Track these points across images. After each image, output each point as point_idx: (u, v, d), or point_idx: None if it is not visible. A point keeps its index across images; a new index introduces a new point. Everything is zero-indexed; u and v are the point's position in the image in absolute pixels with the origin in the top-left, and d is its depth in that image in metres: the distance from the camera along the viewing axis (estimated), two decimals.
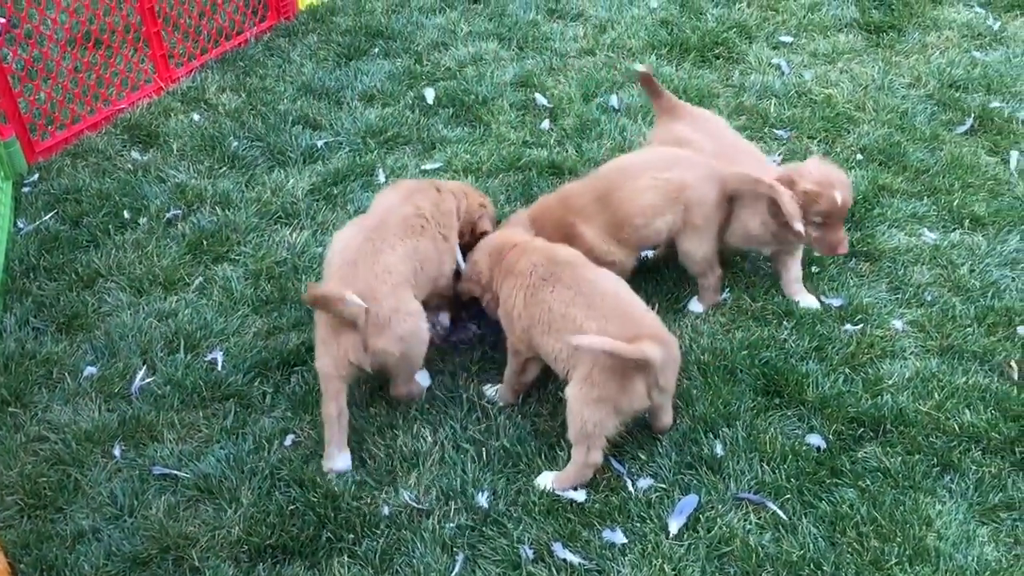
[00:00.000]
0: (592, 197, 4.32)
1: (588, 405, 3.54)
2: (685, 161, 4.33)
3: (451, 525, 3.59)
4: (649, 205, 4.25)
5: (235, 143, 5.66)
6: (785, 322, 4.43)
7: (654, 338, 3.52)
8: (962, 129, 5.73)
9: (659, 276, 4.68)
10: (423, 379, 4.15)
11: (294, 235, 5.02)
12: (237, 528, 3.59)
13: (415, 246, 3.95)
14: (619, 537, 3.54)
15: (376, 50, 6.66)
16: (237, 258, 4.87)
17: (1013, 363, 4.19)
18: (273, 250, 4.92)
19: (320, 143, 5.68)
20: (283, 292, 4.64)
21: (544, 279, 3.78)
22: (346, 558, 3.50)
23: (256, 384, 4.19)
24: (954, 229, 5.00)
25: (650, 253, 4.73)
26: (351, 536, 3.56)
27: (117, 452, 3.91)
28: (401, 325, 3.76)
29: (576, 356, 3.58)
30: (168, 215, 5.12)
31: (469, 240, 4.32)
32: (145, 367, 4.26)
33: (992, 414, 3.95)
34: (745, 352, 4.25)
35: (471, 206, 4.34)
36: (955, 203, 5.12)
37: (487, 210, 4.44)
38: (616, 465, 3.79)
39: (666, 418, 3.86)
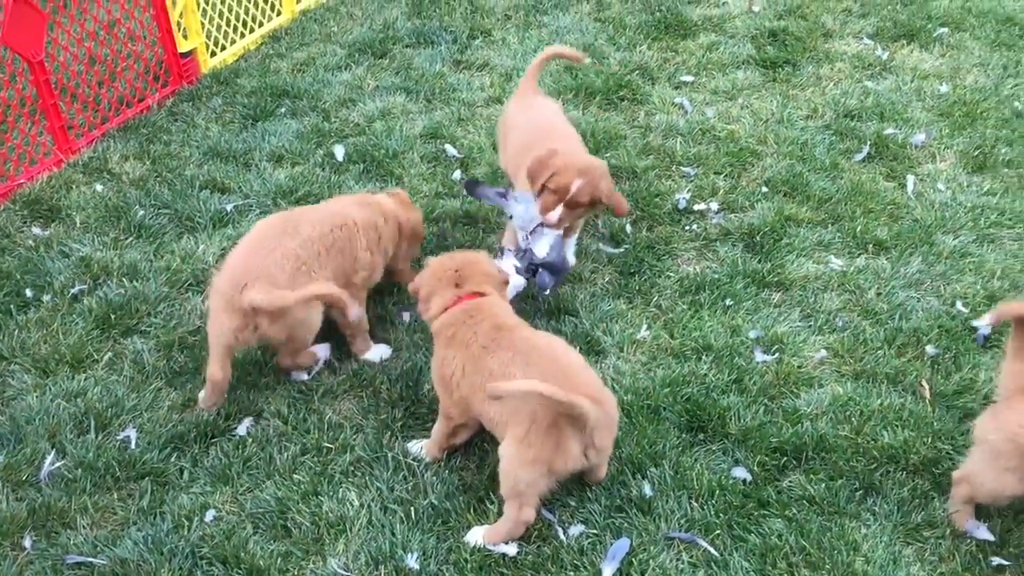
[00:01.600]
0: None
1: (522, 465, 3.48)
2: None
3: None
4: None
5: (141, 212, 5.53)
6: (704, 356, 4.48)
7: (591, 396, 3.45)
8: (860, 157, 5.92)
9: (577, 319, 4.70)
10: (322, 351, 4.48)
11: (206, 303, 4.89)
12: None
13: (326, 234, 4.30)
14: None
15: (283, 110, 6.61)
16: (148, 330, 4.74)
17: (925, 382, 4.30)
18: (185, 319, 4.80)
19: (229, 207, 5.59)
20: (197, 362, 4.52)
21: (485, 347, 3.71)
22: None
23: (172, 460, 4.06)
24: (859, 254, 5.14)
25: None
26: None
27: (28, 543, 3.73)
28: (292, 313, 4.10)
29: (513, 415, 3.52)
30: (73, 290, 4.97)
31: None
32: (54, 451, 4.09)
33: (909, 434, 4.04)
34: (667, 390, 4.28)
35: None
36: (858, 229, 5.27)
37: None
38: (547, 514, 3.76)
39: (600, 473, 3.83)
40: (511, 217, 4.72)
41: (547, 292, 4.60)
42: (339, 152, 6.10)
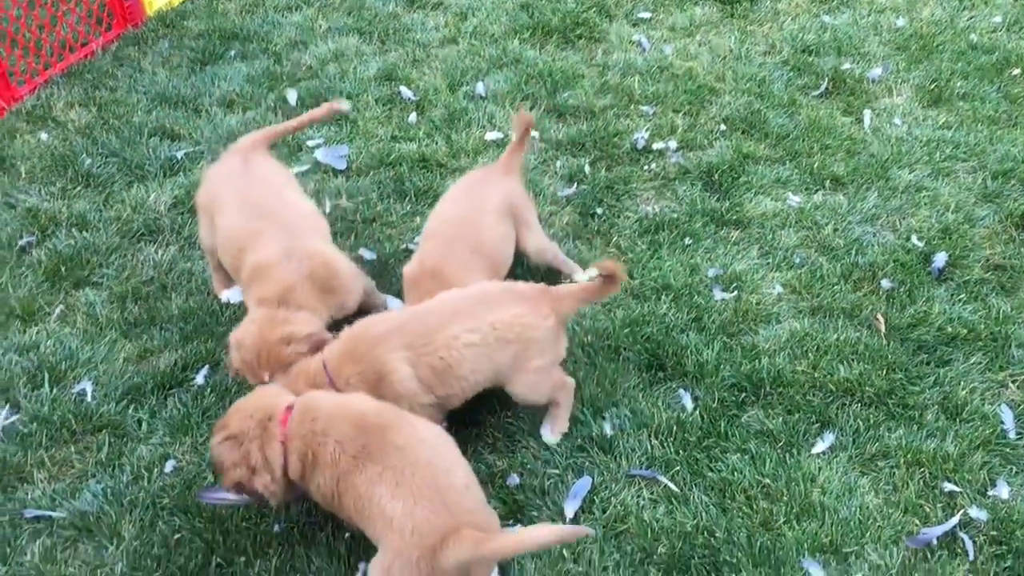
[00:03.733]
0: None
1: None
2: None
3: (347, 535, 3.51)
4: None
5: (88, 161, 5.40)
6: (663, 296, 4.49)
7: (475, 525, 2.94)
8: (817, 92, 5.91)
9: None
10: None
11: (159, 252, 4.82)
12: (120, 564, 3.44)
13: None
14: (516, 531, 3.52)
15: (232, 53, 6.45)
16: (100, 281, 4.65)
17: (880, 316, 4.35)
18: (138, 270, 4.72)
19: (180, 154, 5.47)
20: (152, 312, 4.46)
21: (355, 457, 3.08)
22: None
23: (130, 411, 4.01)
24: (816, 191, 5.16)
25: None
26: (242, 559, 3.45)
27: None
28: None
29: (381, 539, 3.02)
30: (21, 242, 4.85)
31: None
32: (8, 406, 4.03)
33: (864, 367, 4.10)
34: (627, 330, 4.29)
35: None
36: (815, 165, 5.28)
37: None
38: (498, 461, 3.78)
39: None
40: None
41: None
42: (292, 96, 5.98)
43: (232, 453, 3.22)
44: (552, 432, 3.84)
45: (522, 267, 4.45)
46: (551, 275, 4.48)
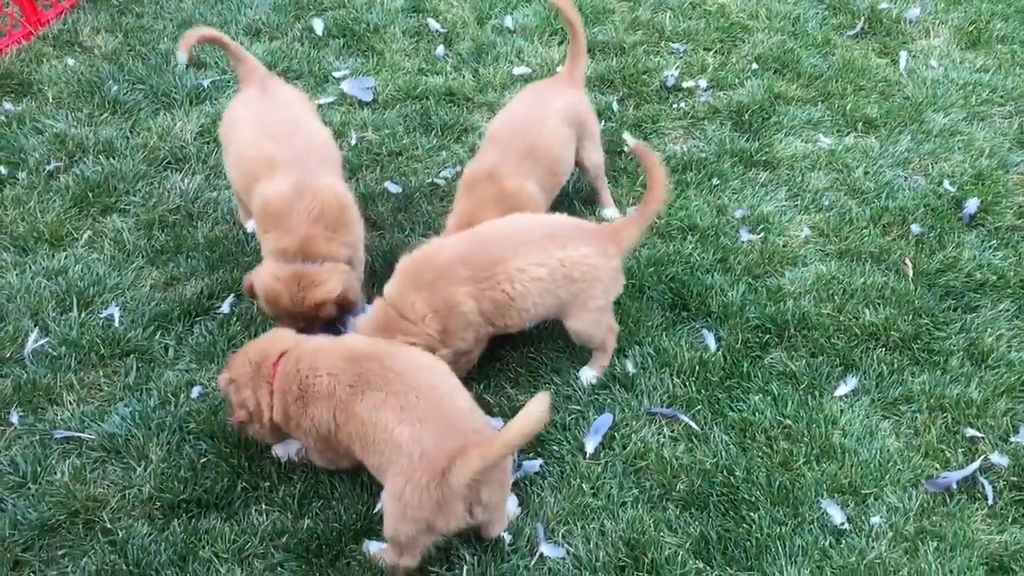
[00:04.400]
0: None
1: (401, 521, 3.00)
2: None
3: None
4: None
5: (115, 87, 5.38)
6: (689, 236, 4.46)
7: (480, 447, 2.88)
8: (852, 32, 5.79)
9: (564, 200, 4.66)
10: None
11: (186, 181, 4.83)
12: (148, 486, 3.50)
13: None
14: (535, 465, 3.56)
15: None
16: (127, 208, 4.67)
17: (908, 261, 4.31)
18: (164, 198, 4.73)
19: (206, 83, 5.44)
20: (178, 240, 4.48)
21: (352, 386, 3.12)
22: (264, 506, 3.45)
23: (157, 337, 4.06)
24: (848, 133, 5.08)
25: None
26: (267, 484, 3.51)
27: (15, 419, 3.75)
28: None
29: (391, 465, 3.01)
30: (49, 167, 4.87)
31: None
32: (37, 329, 4.08)
33: (890, 312, 4.07)
34: (652, 269, 4.28)
35: None
36: (848, 107, 5.19)
37: None
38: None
39: (493, 530, 3.29)
40: None
41: None
42: (318, 26, 5.91)
43: (236, 395, 3.35)
44: (594, 374, 3.86)
45: None
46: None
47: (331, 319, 3.79)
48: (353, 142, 5.02)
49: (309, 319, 3.72)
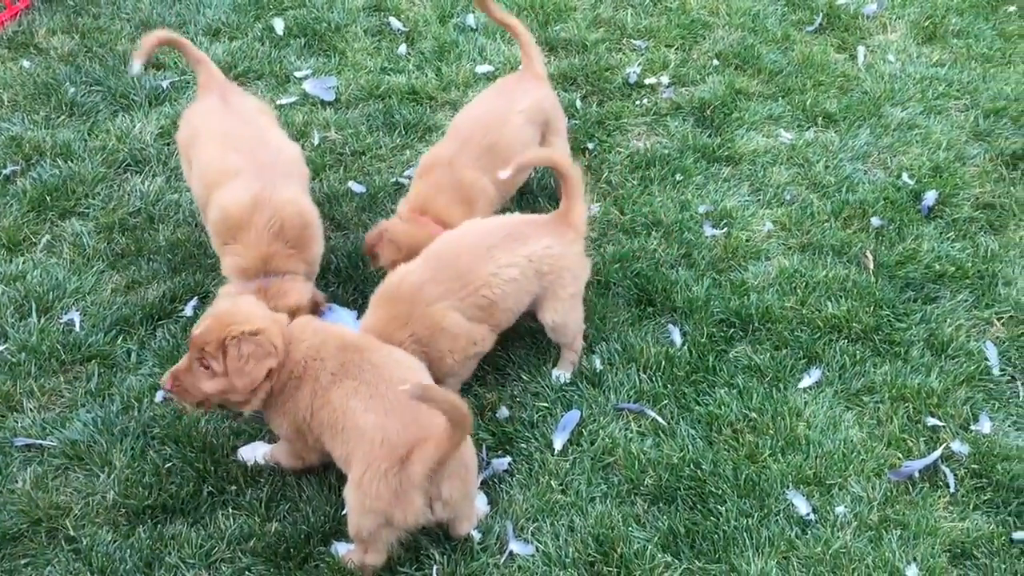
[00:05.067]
0: None
1: (361, 513, 3.01)
2: None
3: None
4: None
5: (72, 89, 5.30)
6: (654, 232, 4.49)
7: (437, 438, 2.91)
8: (811, 28, 5.85)
9: (527, 196, 4.66)
10: None
11: (146, 183, 4.77)
12: (112, 492, 3.46)
13: None
14: (503, 463, 3.56)
15: None
16: (86, 211, 4.61)
17: (869, 253, 4.37)
18: (125, 200, 4.67)
19: (166, 83, 5.38)
20: (139, 244, 4.43)
21: (334, 374, 3.15)
22: (230, 509, 3.42)
23: (119, 342, 4.01)
24: (808, 127, 5.13)
25: None
26: (233, 487, 3.48)
27: None
28: None
29: (354, 454, 3.04)
30: (5, 171, 4.79)
31: None
32: None
33: (852, 304, 4.12)
34: (617, 265, 4.30)
35: None
36: (808, 102, 5.25)
37: None
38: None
39: (461, 528, 3.28)
40: None
41: None
42: (279, 26, 5.87)
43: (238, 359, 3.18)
44: (565, 373, 3.87)
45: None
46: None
47: None
48: (316, 142, 4.99)
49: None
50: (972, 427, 3.68)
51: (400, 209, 3.99)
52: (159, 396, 3.78)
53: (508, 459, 3.57)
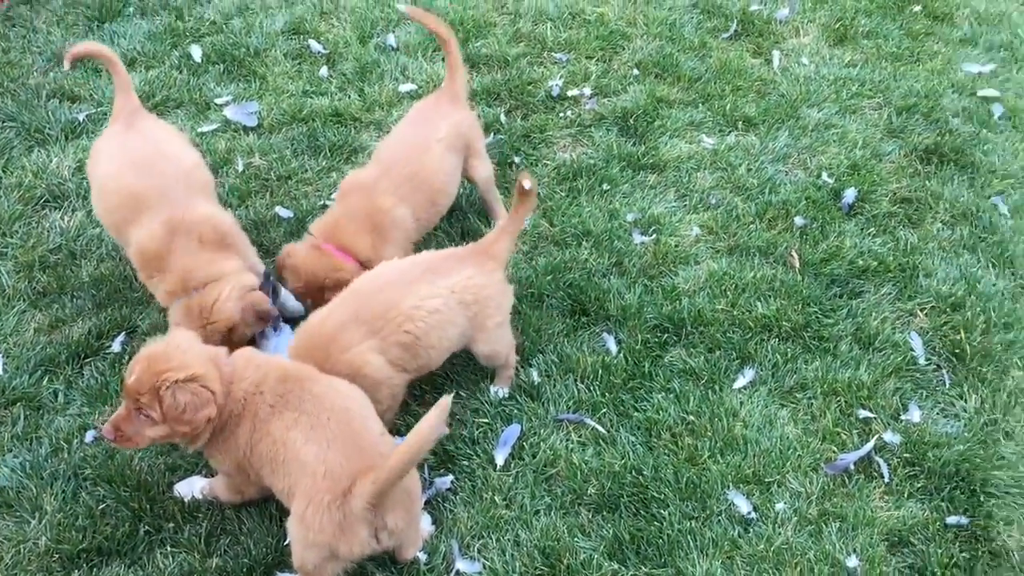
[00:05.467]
0: None
1: (305, 547, 2.96)
2: None
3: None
4: None
5: None
6: (584, 242, 4.52)
7: (375, 470, 2.88)
8: (727, 35, 5.96)
9: (457, 212, 4.66)
10: None
11: (66, 218, 4.66)
12: (44, 538, 3.36)
13: None
14: (446, 482, 3.55)
15: (131, 9, 6.19)
16: (4, 251, 4.48)
17: (794, 252, 4.46)
18: (44, 237, 4.55)
19: (82, 116, 5.26)
20: (62, 281, 4.32)
21: (272, 406, 3.08)
22: (169, 548, 3.34)
23: (45, 383, 3.90)
24: (729, 132, 5.23)
25: None
26: (171, 525, 3.40)
27: None
28: None
29: (296, 487, 2.99)
30: None
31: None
32: None
33: (781, 303, 4.20)
34: (550, 277, 4.32)
35: None
36: (728, 107, 5.35)
37: None
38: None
39: (406, 554, 3.27)
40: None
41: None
42: (196, 53, 5.79)
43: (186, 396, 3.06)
44: (503, 388, 3.87)
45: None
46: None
47: (251, 332, 3.81)
48: (240, 168, 4.93)
49: (238, 340, 3.70)
50: (903, 417, 3.78)
51: (311, 229, 3.99)
52: (89, 436, 3.69)
53: (450, 477, 3.55)
